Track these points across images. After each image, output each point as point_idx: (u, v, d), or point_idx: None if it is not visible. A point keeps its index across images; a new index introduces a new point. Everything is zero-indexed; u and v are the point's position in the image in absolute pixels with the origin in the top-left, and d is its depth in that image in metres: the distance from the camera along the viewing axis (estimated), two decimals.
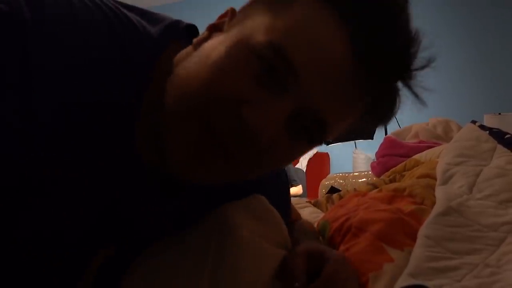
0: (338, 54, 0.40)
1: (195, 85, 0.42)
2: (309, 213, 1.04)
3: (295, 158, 0.48)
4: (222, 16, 0.48)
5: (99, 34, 0.42)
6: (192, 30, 0.53)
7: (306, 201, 1.21)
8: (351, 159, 3.46)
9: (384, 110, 0.47)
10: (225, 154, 0.43)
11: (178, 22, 0.51)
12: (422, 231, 0.61)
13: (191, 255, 0.56)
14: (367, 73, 0.41)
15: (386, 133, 2.61)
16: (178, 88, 0.44)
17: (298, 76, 0.40)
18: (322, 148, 4.16)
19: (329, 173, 4.00)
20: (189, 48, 0.48)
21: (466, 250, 0.58)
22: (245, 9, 0.47)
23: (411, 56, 0.42)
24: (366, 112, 0.46)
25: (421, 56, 0.43)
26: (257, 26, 0.42)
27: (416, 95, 0.44)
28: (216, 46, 0.44)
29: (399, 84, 0.45)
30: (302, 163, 4.37)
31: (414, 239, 0.61)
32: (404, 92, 0.44)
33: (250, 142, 0.41)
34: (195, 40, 0.47)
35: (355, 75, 0.41)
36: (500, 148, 0.88)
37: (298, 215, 0.79)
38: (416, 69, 0.43)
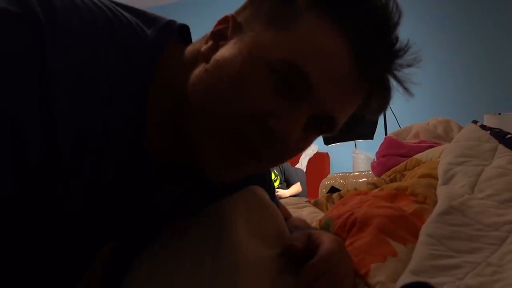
0: (343, 65, 0.47)
1: (220, 102, 0.47)
2: (308, 213, 1.03)
3: (307, 148, 0.54)
4: (221, 22, 0.51)
5: (104, 37, 0.43)
6: (184, 30, 0.55)
7: (306, 201, 1.21)
8: (351, 159, 3.46)
9: (376, 101, 0.53)
10: (254, 155, 0.49)
11: (172, 22, 0.53)
12: (424, 230, 0.61)
13: (189, 255, 0.56)
14: (365, 75, 0.48)
15: (386, 133, 2.61)
16: (203, 102, 0.48)
17: (312, 86, 0.46)
18: (322, 148, 4.16)
19: (329, 173, 4.00)
20: (196, 48, 0.51)
21: (468, 249, 0.58)
22: (245, 16, 0.50)
23: (399, 59, 0.49)
24: (362, 104, 0.53)
25: (409, 57, 0.50)
26: (265, 41, 0.46)
27: (406, 89, 0.51)
28: (229, 59, 0.47)
29: (391, 80, 0.51)
30: (302, 163, 4.37)
31: (416, 236, 0.61)
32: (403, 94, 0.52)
33: (280, 147, 0.48)
34: (202, 50, 0.50)
35: (356, 78, 0.48)
36: (501, 148, 0.88)
37: (288, 213, 0.79)
38: (404, 68, 0.50)
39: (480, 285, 0.49)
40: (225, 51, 0.48)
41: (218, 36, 0.50)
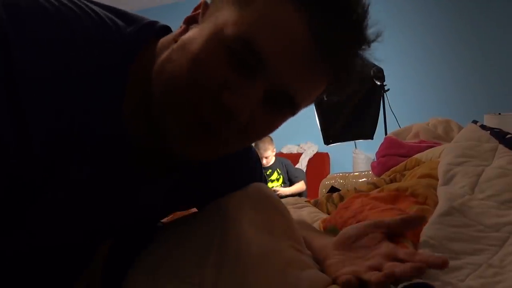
0: (299, 39, 0.46)
1: (180, 77, 0.48)
2: (308, 213, 1.03)
3: (274, 129, 0.54)
4: (196, 8, 0.53)
5: (73, 36, 0.44)
6: (167, 31, 0.56)
7: (305, 201, 1.20)
8: (351, 159, 3.46)
9: (344, 78, 0.52)
10: (213, 133, 0.49)
11: (153, 23, 0.55)
12: (425, 232, 0.61)
13: (194, 251, 0.56)
14: (324, 50, 0.47)
15: (386, 133, 2.61)
16: (165, 79, 0.49)
17: (265, 63, 0.46)
18: (322, 148, 4.16)
19: (329, 173, 4.00)
20: (170, 38, 0.53)
21: (469, 250, 0.58)
22: (216, 1, 0.51)
23: (361, 31, 0.49)
24: (330, 82, 0.52)
25: (371, 30, 0.49)
26: (226, 20, 0.47)
27: (369, 63, 0.50)
28: (193, 38, 0.49)
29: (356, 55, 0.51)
30: (302, 163, 4.37)
31: (418, 238, 0.60)
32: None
33: (232, 121, 0.48)
34: (175, 33, 0.52)
35: (314, 54, 0.47)
36: (501, 148, 0.88)
37: None
38: (367, 42, 0.50)
39: (481, 287, 0.49)
40: (191, 32, 0.50)
41: (190, 21, 0.52)
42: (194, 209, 0.72)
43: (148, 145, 0.53)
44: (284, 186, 3.66)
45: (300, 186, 3.67)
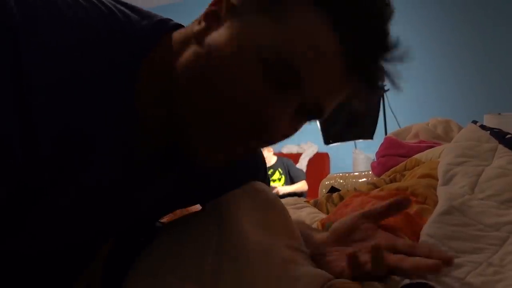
0: (334, 59, 0.47)
1: (210, 92, 0.47)
2: (308, 213, 1.03)
3: (293, 134, 0.55)
4: (215, 3, 0.50)
5: (85, 34, 0.43)
6: (179, 29, 0.54)
7: (305, 201, 1.20)
8: (351, 159, 3.46)
9: (364, 93, 0.54)
10: (244, 146, 0.50)
11: (167, 20, 0.53)
12: (425, 230, 0.61)
13: (193, 250, 0.56)
14: (356, 70, 0.48)
15: (386, 133, 2.61)
16: (192, 87, 0.48)
17: (301, 80, 0.47)
18: (322, 148, 4.16)
19: (329, 173, 3.99)
20: (188, 33, 0.50)
21: (469, 249, 0.58)
22: (243, 1, 0.49)
23: (388, 55, 0.50)
24: (350, 93, 0.53)
25: (398, 51, 0.50)
26: (260, 31, 0.46)
27: (393, 82, 0.52)
28: (222, 46, 0.47)
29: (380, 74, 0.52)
30: (302, 163, 4.37)
31: (418, 236, 0.61)
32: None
33: (268, 135, 0.49)
34: (194, 31, 0.50)
35: (345, 72, 0.48)
36: (501, 148, 0.88)
37: None
38: (393, 63, 0.51)
39: (481, 285, 0.49)
40: (218, 35, 0.48)
41: (211, 17, 0.49)
42: (193, 208, 0.72)
43: (158, 143, 0.52)
44: (286, 186, 3.66)
45: (301, 185, 3.67)
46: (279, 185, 3.65)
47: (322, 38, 0.46)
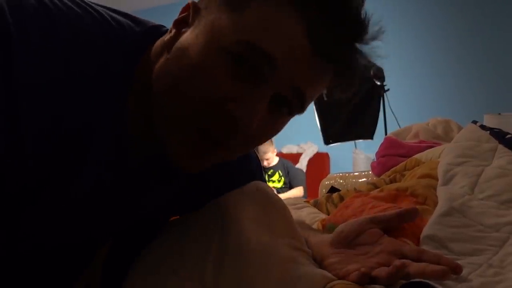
0: (300, 39, 0.46)
1: (180, 91, 0.46)
2: (307, 214, 1.03)
3: (280, 130, 0.53)
4: (184, 10, 0.51)
5: (77, 37, 0.44)
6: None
7: (305, 201, 1.20)
8: (351, 159, 3.46)
9: (348, 75, 0.52)
10: (219, 147, 0.48)
11: (160, 26, 0.54)
12: (426, 232, 0.61)
13: (194, 249, 0.56)
14: (324, 48, 0.47)
15: (386, 133, 2.61)
16: (163, 93, 0.48)
17: (275, 64, 0.45)
18: (322, 148, 4.16)
19: (329, 173, 3.99)
20: (161, 42, 0.51)
21: (469, 250, 0.58)
22: (206, 3, 0.49)
23: (359, 27, 0.48)
24: (334, 79, 0.52)
25: (372, 29, 0.49)
26: (223, 25, 0.46)
27: (369, 61, 0.50)
28: (189, 46, 0.47)
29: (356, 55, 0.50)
30: (302, 163, 4.37)
31: (418, 238, 0.60)
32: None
33: (241, 133, 0.47)
34: (165, 40, 0.50)
35: (315, 52, 0.46)
36: (501, 148, 0.88)
37: None
38: (367, 42, 0.49)
39: (481, 286, 0.49)
40: (184, 38, 0.48)
41: (181, 25, 0.50)
42: None
43: (149, 151, 0.52)
44: (285, 188, 3.67)
45: (296, 192, 3.68)
46: (278, 187, 3.67)
47: (286, 21, 0.45)
